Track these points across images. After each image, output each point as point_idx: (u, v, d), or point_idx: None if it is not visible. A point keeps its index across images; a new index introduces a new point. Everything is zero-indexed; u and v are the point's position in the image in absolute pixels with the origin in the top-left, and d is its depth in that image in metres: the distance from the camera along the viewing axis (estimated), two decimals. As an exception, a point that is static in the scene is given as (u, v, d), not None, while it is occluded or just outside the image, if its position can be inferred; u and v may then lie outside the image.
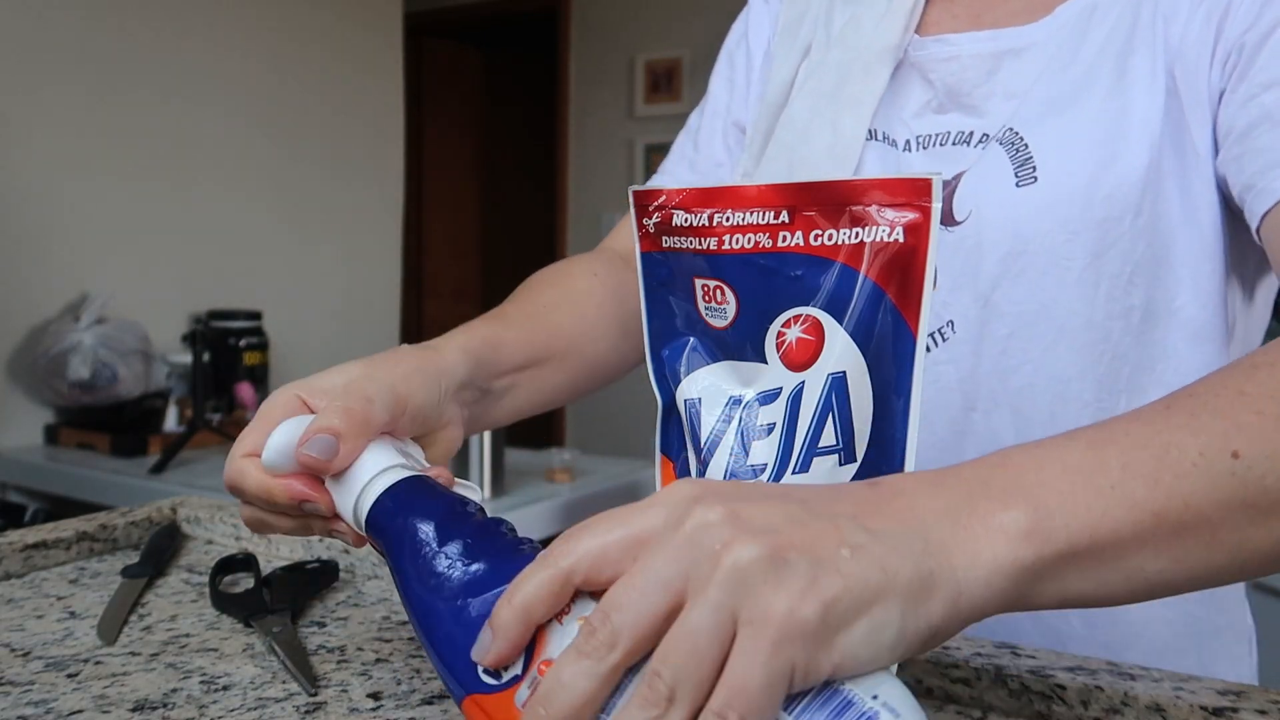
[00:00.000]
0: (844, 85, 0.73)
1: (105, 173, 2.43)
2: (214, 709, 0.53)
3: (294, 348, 2.86)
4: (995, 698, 0.54)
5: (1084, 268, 0.64)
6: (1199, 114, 0.63)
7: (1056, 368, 0.66)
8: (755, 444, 0.47)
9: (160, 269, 2.55)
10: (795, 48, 0.78)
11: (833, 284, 0.45)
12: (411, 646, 0.62)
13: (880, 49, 0.72)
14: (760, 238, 0.46)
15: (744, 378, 0.48)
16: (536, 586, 0.38)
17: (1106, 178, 0.63)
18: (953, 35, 0.71)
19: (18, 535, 0.78)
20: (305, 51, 2.92)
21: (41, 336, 2.24)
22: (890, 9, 0.72)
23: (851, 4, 0.76)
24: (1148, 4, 0.65)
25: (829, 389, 0.45)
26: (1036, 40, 0.68)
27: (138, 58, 2.49)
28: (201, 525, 0.87)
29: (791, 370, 0.46)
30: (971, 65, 0.70)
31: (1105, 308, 0.65)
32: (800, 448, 0.46)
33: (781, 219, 0.45)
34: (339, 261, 3.05)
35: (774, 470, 0.46)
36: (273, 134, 2.84)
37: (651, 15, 3.95)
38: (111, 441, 2.20)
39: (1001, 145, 0.66)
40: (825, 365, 0.45)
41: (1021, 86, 0.68)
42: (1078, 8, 0.67)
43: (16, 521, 1.93)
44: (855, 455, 0.45)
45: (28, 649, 0.61)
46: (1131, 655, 0.67)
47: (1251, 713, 0.49)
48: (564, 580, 0.38)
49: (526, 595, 0.38)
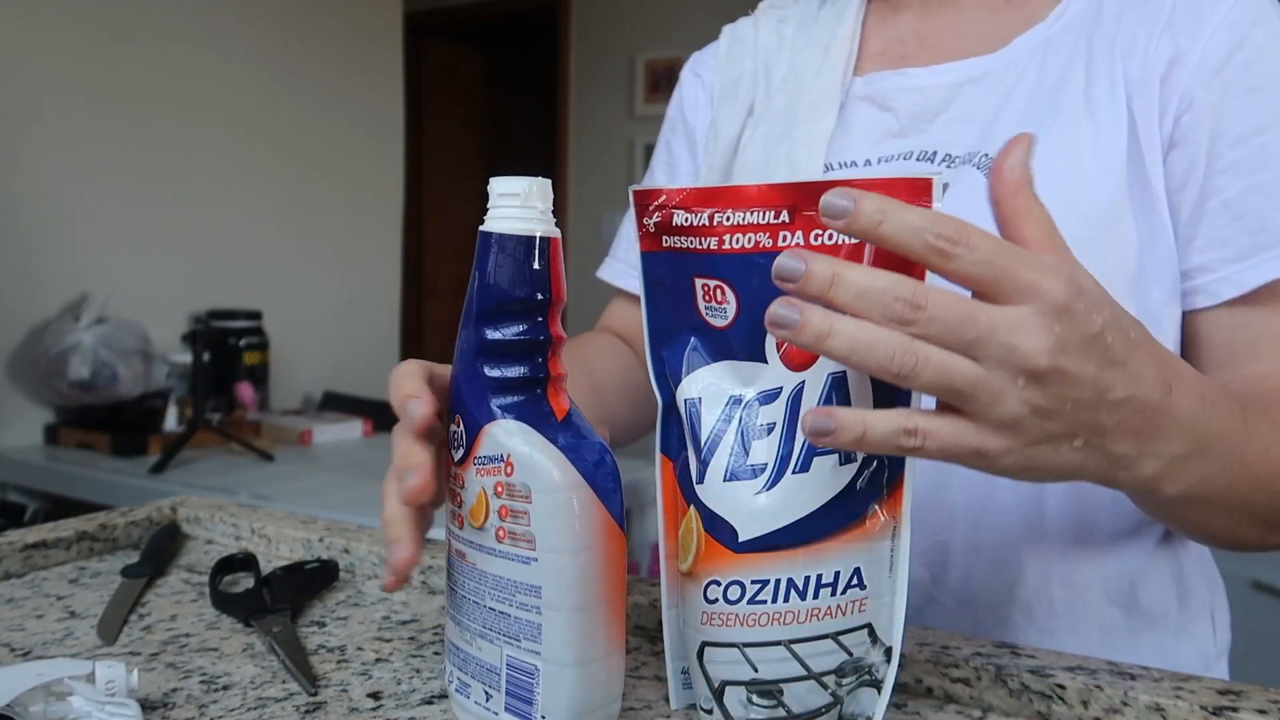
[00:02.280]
0: (793, 126, 0.76)
1: (105, 173, 2.43)
2: (214, 709, 0.53)
3: (294, 347, 2.86)
4: (995, 698, 0.54)
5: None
6: (1154, 152, 0.66)
7: None
8: (755, 443, 0.47)
9: (160, 269, 2.56)
10: (737, 107, 0.81)
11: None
12: (412, 647, 0.63)
13: (823, 90, 0.76)
14: (761, 237, 0.46)
15: (744, 377, 0.48)
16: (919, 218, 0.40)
17: (1080, 201, 0.65)
18: (911, 69, 0.75)
19: (18, 535, 0.78)
20: (305, 52, 2.92)
21: (41, 336, 2.24)
22: (828, 56, 0.76)
23: (787, 55, 0.80)
24: (1102, 39, 0.67)
25: (829, 389, 0.45)
26: (994, 70, 0.71)
27: (138, 59, 2.49)
28: (201, 525, 0.87)
29: (792, 370, 0.46)
30: (934, 95, 0.73)
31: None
32: (800, 447, 0.46)
33: (782, 218, 0.45)
34: (339, 261, 3.05)
35: (774, 470, 0.46)
36: (273, 134, 2.84)
37: (651, 15, 3.95)
38: (111, 441, 2.20)
39: (978, 169, 0.68)
40: (826, 365, 0.45)
41: (979, 111, 0.70)
42: (1033, 41, 0.70)
43: (16, 521, 1.93)
44: (855, 454, 0.46)
45: (28, 649, 0.61)
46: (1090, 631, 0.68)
47: (1251, 712, 0.49)
48: (948, 240, 0.40)
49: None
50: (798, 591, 0.46)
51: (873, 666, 0.47)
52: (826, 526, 0.46)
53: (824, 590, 0.46)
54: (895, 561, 0.46)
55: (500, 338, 0.48)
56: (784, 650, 0.46)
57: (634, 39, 3.99)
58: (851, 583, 0.46)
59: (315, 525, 0.82)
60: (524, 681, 0.47)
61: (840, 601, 0.46)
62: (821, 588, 0.46)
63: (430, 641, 0.64)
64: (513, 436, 0.47)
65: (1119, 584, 0.69)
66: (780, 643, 0.46)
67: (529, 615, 0.47)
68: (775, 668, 0.46)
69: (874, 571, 0.46)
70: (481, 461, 0.48)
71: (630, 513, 2.11)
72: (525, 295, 0.48)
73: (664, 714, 0.53)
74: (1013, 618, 0.69)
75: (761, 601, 0.46)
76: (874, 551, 0.46)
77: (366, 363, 3.15)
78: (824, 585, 0.46)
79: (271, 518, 0.85)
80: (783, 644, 0.46)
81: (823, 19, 0.79)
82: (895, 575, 0.47)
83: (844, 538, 0.46)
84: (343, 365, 3.05)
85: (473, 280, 0.49)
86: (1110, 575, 0.69)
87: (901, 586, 0.47)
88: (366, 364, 3.15)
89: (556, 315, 0.50)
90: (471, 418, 0.49)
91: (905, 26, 0.77)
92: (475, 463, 0.48)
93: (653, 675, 0.59)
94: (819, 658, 0.46)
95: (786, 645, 0.46)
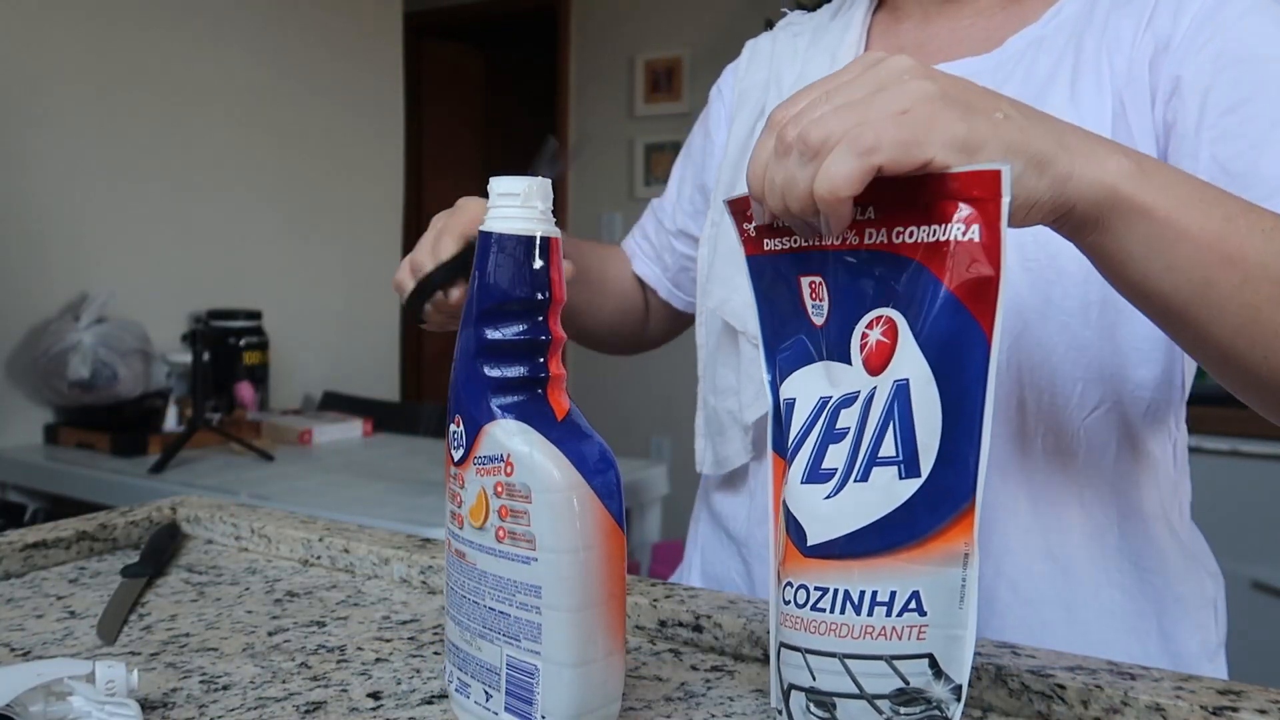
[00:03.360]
0: None
1: (105, 172, 2.43)
2: (214, 709, 0.53)
3: (294, 347, 2.86)
4: (995, 698, 0.54)
5: (1075, 268, 0.67)
6: (1148, 140, 0.68)
7: (1025, 358, 0.69)
8: (831, 448, 0.46)
9: (160, 269, 2.56)
10: (751, 112, 0.85)
11: (906, 284, 0.44)
12: (412, 647, 0.63)
13: None
14: (849, 234, 0.46)
15: (834, 379, 0.48)
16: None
17: None
18: None
19: (18, 535, 0.78)
20: (305, 52, 2.92)
21: (41, 336, 2.24)
22: (834, 61, 0.80)
23: (799, 63, 0.83)
24: (1091, 37, 0.70)
25: (893, 396, 0.44)
26: (985, 69, 0.73)
27: (138, 58, 2.49)
28: (201, 525, 0.87)
29: (869, 374, 0.45)
30: None
31: (1100, 294, 0.67)
32: (863, 456, 0.45)
33: (868, 215, 0.45)
34: (339, 261, 3.05)
35: (840, 478, 0.45)
36: (273, 134, 2.84)
37: (651, 15, 3.95)
38: (111, 441, 2.20)
39: None
40: (894, 371, 0.44)
41: None
42: (1025, 41, 0.73)
43: (16, 521, 1.93)
44: (919, 470, 0.43)
45: (28, 649, 0.61)
46: (1086, 614, 0.69)
47: (1251, 712, 0.49)
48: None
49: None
50: (853, 605, 0.44)
51: (942, 704, 0.44)
52: (883, 542, 0.44)
53: (879, 609, 0.44)
54: (965, 594, 0.44)
55: (500, 337, 0.48)
56: (838, 663, 0.45)
57: (634, 39, 3.99)
58: (909, 606, 0.43)
59: (315, 525, 0.82)
60: (524, 681, 0.47)
61: (895, 624, 0.44)
62: (877, 605, 0.44)
63: (430, 641, 0.64)
64: (513, 436, 0.47)
65: (1119, 564, 0.70)
66: (835, 655, 0.45)
67: (529, 615, 0.47)
68: (830, 680, 0.45)
69: (938, 600, 0.43)
70: (481, 461, 0.48)
71: (630, 513, 2.11)
72: (525, 295, 0.48)
73: (664, 714, 0.53)
74: (999, 592, 0.70)
75: (821, 609, 0.45)
76: (938, 578, 0.43)
77: (366, 363, 3.15)
78: (879, 604, 0.44)
79: (271, 518, 0.85)
80: (837, 656, 0.45)
81: (832, 29, 0.84)
82: (966, 609, 0.44)
83: (902, 556, 0.44)
84: (343, 365, 3.05)
85: (473, 280, 0.49)
86: (1109, 555, 0.70)
87: (972, 622, 0.44)
88: (366, 364, 3.15)
89: (556, 315, 0.50)
90: (471, 417, 0.49)
91: (906, 34, 0.80)
92: (475, 462, 0.48)
93: (653, 675, 0.59)
94: (872, 678, 0.44)
95: (840, 659, 0.45)
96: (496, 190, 0.49)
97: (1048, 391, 0.69)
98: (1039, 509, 0.70)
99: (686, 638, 0.64)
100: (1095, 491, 0.70)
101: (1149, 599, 0.71)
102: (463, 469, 0.49)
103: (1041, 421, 0.69)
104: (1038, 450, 0.69)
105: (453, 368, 0.51)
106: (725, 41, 3.70)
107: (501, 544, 0.48)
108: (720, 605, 0.64)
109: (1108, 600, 0.70)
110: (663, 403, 3.77)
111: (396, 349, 3.32)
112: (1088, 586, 0.70)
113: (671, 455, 3.74)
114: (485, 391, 0.48)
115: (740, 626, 0.62)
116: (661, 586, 0.69)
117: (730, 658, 0.62)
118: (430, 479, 1.96)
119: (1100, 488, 0.70)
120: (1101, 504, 0.70)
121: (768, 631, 0.48)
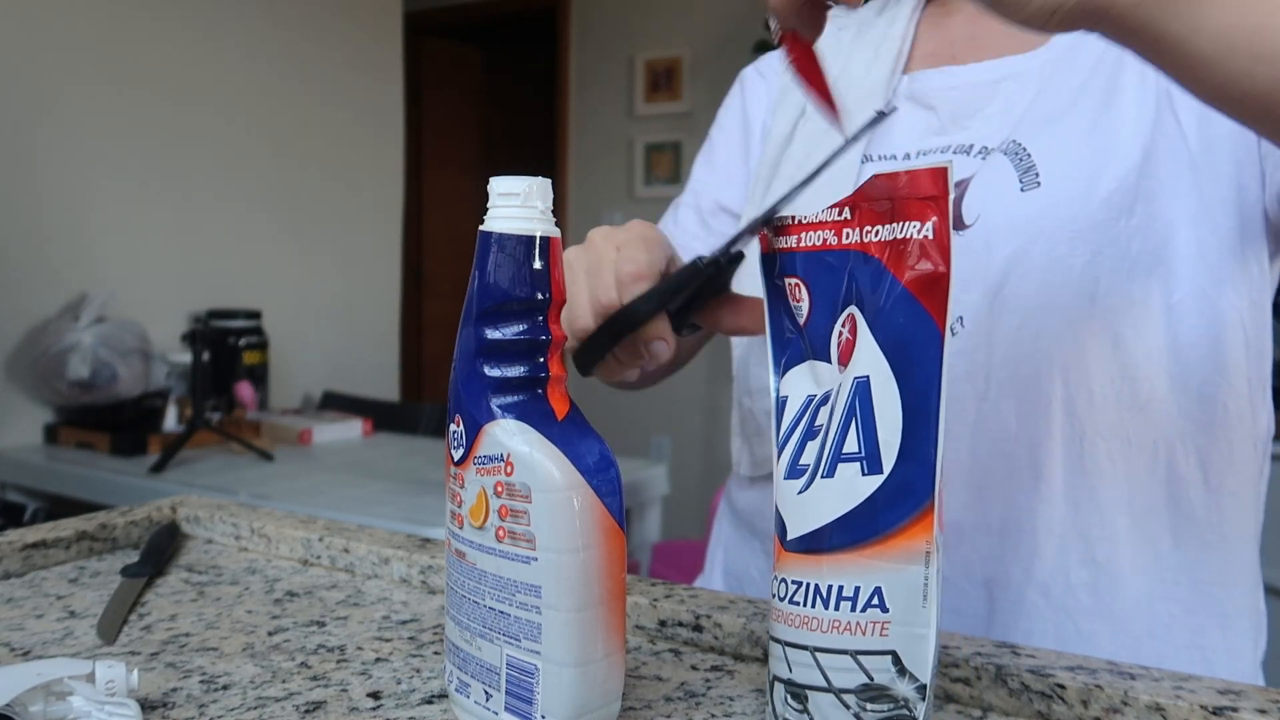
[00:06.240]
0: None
1: (105, 173, 2.43)
2: (214, 709, 0.53)
3: (294, 347, 2.86)
4: (995, 697, 0.54)
5: (1085, 264, 0.68)
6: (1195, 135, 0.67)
7: (1064, 357, 0.69)
8: (809, 444, 0.48)
9: (160, 269, 2.56)
10: (792, 108, 0.85)
11: (869, 281, 0.46)
12: (412, 647, 0.63)
13: (870, 86, 0.79)
14: (828, 235, 0.48)
15: (818, 377, 0.49)
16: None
17: (1103, 181, 0.68)
18: (953, 67, 0.78)
19: (18, 535, 0.78)
20: (305, 51, 2.92)
21: (41, 336, 2.24)
22: (878, 55, 0.80)
23: (843, 58, 0.83)
24: None
25: (854, 393, 0.45)
26: (1032, 66, 0.74)
27: (138, 59, 2.49)
28: (201, 525, 0.87)
29: (840, 371, 0.47)
30: (974, 92, 0.76)
31: (1106, 300, 0.68)
32: (829, 451, 0.46)
33: (844, 215, 0.47)
34: (339, 261, 3.06)
35: (810, 473, 0.47)
36: (273, 134, 2.84)
37: (651, 15, 3.95)
38: (111, 441, 2.20)
39: (1005, 155, 0.71)
40: (855, 368, 0.46)
41: (1017, 105, 0.73)
42: (1070, 38, 0.72)
43: (16, 521, 1.93)
44: (881, 467, 0.44)
45: (28, 649, 0.61)
46: (1136, 628, 0.68)
47: (1251, 712, 0.49)
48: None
49: None
50: (822, 599, 0.45)
51: (908, 702, 0.45)
52: (846, 537, 0.45)
53: (844, 604, 0.45)
54: (928, 593, 0.44)
55: (500, 337, 0.48)
56: (810, 656, 0.46)
57: (634, 39, 3.99)
58: (871, 602, 0.44)
59: (315, 525, 0.82)
60: (524, 681, 0.47)
61: (860, 619, 0.45)
62: (842, 600, 0.45)
63: (430, 641, 0.64)
64: (513, 436, 0.47)
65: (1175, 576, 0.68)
66: (807, 648, 0.46)
67: (529, 615, 0.47)
68: (804, 672, 0.46)
69: (899, 597, 0.44)
70: (481, 461, 0.48)
71: (630, 513, 2.11)
72: (525, 295, 0.48)
73: (664, 714, 0.53)
74: (1028, 595, 0.69)
75: (797, 603, 0.46)
76: (900, 575, 0.44)
77: (366, 362, 3.15)
78: (845, 599, 0.45)
79: (271, 517, 0.85)
80: (808, 649, 0.46)
81: (878, 24, 0.83)
82: (929, 608, 0.44)
83: (865, 553, 0.45)
84: (343, 365, 3.05)
85: (473, 280, 0.49)
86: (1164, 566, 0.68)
87: (934, 620, 0.45)
88: (366, 364, 3.15)
89: (556, 315, 0.50)
90: (471, 417, 0.49)
91: (957, 29, 0.80)
92: (475, 462, 0.48)
93: (653, 675, 0.59)
94: (839, 673, 0.45)
95: (811, 651, 0.46)
96: (497, 190, 0.49)
97: (1085, 389, 0.68)
98: (1081, 513, 0.68)
99: (686, 637, 0.64)
100: (1145, 498, 0.68)
101: (1210, 613, 0.69)
102: (463, 469, 0.49)
103: (1083, 421, 0.68)
104: (1079, 452, 0.68)
105: (453, 367, 0.51)
106: (725, 41, 3.70)
107: (501, 544, 0.48)
108: (720, 605, 0.64)
109: (1164, 614, 0.68)
110: (663, 403, 3.78)
111: (396, 349, 3.32)
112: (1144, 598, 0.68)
113: (671, 455, 3.74)
114: (485, 391, 0.48)
115: (740, 626, 0.62)
116: (661, 586, 0.69)
117: (730, 657, 0.62)
118: (430, 479, 1.96)
119: (1152, 493, 0.68)
120: (1152, 511, 0.68)
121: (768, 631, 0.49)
